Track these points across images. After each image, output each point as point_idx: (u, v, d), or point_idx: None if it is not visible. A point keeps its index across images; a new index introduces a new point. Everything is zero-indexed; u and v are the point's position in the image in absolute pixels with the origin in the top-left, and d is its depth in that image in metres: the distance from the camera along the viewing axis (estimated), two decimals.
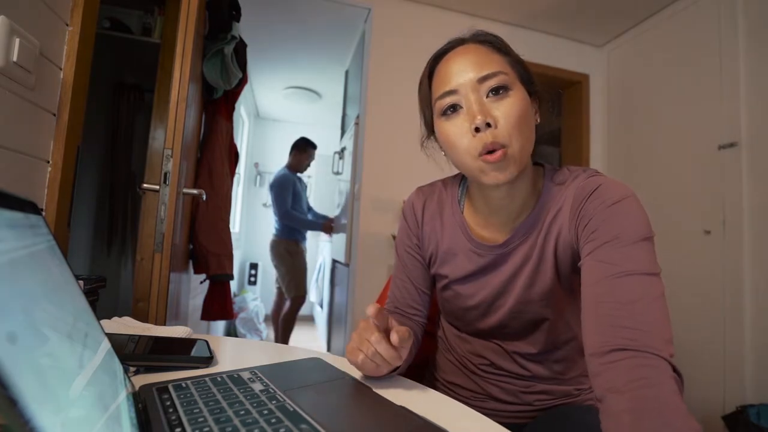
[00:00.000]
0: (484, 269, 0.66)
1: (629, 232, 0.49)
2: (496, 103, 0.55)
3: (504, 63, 0.58)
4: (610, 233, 0.50)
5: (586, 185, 0.57)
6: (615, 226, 0.50)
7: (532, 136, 0.58)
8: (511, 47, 0.61)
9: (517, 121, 0.54)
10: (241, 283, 4.09)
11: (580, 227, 0.55)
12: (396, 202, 2.20)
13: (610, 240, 0.50)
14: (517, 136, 0.54)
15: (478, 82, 0.55)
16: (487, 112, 0.54)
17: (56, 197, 0.83)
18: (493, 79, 0.55)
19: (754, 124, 1.78)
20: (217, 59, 1.54)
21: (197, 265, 1.65)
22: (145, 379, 0.49)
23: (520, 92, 0.56)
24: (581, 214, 0.55)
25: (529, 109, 0.57)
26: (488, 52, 0.58)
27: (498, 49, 0.59)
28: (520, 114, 0.55)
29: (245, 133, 3.94)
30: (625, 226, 0.50)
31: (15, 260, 0.24)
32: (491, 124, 0.54)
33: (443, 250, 0.70)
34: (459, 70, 0.57)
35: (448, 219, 0.70)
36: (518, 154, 0.55)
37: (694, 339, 1.93)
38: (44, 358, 0.22)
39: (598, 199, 0.54)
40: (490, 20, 2.48)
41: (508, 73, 0.56)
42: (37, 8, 0.76)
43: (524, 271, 0.62)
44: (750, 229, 1.76)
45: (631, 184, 0.58)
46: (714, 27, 1.95)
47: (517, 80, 0.58)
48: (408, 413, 0.41)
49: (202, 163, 1.64)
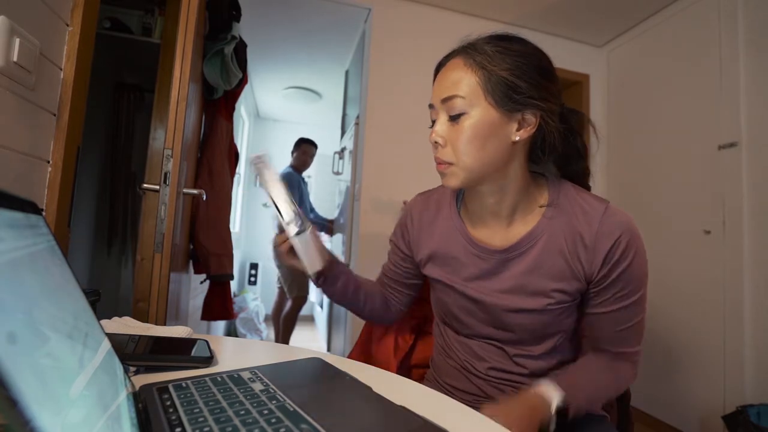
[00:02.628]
0: (487, 273, 0.68)
1: (637, 286, 0.63)
2: (450, 126, 0.62)
3: (472, 83, 0.59)
4: (622, 288, 0.62)
5: (611, 225, 0.61)
6: (631, 281, 0.62)
7: (487, 154, 0.61)
8: (500, 61, 0.59)
9: (462, 145, 0.60)
10: (241, 283, 4.09)
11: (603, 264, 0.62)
12: (396, 202, 2.20)
13: (621, 295, 0.63)
14: (462, 156, 0.61)
15: (443, 102, 0.62)
16: (441, 132, 0.62)
17: (56, 197, 0.83)
18: (450, 103, 0.61)
19: (754, 124, 1.78)
20: (217, 59, 1.54)
21: (197, 265, 1.65)
22: (145, 379, 0.49)
23: (480, 114, 0.59)
24: (607, 257, 0.61)
25: (486, 129, 0.59)
26: (464, 69, 0.60)
27: (476, 64, 0.59)
28: (468, 138, 0.60)
29: (245, 133, 3.94)
30: (635, 280, 0.62)
31: (15, 260, 0.24)
32: (440, 143, 0.62)
33: (441, 253, 0.72)
34: (437, 87, 0.64)
35: (445, 222, 0.74)
36: (464, 170, 0.62)
37: (694, 339, 1.93)
38: (44, 358, 0.22)
39: (621, 250, 0.61)
40: (490, 20, 2.47)
41: (466, 96, 0.59)
42: (37, 8, 0.76)
43: (529, 282, 0.65)
44: (750, 229, 1.76)
45: (632, 184, 0.61)
46: (714, 27, 1.95)
47: (482, 100, 0.59)
48: (408, 413, 0.41)
49: (202, 163, 1.64)
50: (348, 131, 2.73)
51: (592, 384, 0.64)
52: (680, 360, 1.98)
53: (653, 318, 2.08)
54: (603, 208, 0.62)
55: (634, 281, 0.62)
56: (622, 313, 0.63)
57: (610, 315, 0.64)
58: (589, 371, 0.66)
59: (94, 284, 1.80)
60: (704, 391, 1.86)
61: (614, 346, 0.65)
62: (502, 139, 0.61)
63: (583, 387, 0.62)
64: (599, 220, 0.61)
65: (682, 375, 1.97)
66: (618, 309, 0.63)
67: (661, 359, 2.05)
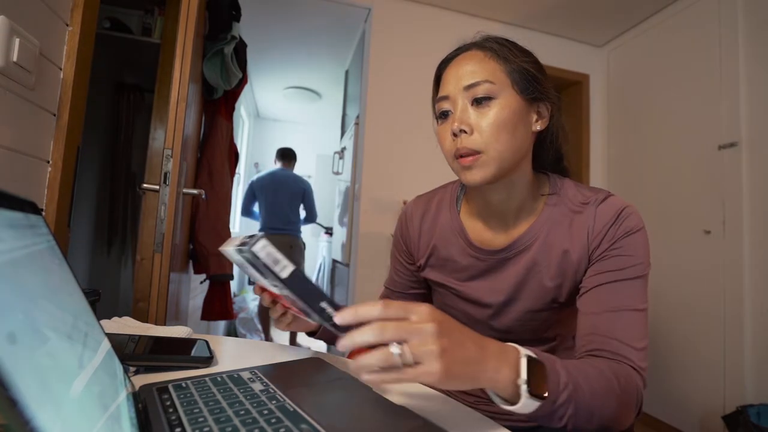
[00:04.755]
0: (485, 272, 0.67)
1: (633, 268, 0.56)
2: (477, 112, 0.59)
3: (497, 71, 0.59)
4: (619, 263, 0.57)
5: (609, 208, 0.59)
6: (625, 259, 0.57)
7: (517, 142, 0.59)
8: (519, 54, 0.61)
9: (494, 130, 0.57)
10: (241, 283, 4.08)
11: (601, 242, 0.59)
12: (396, 202, 2.20)
13: (617, 269, 0.57)
14: (494, 143, 0.57)
15: (465, 89, 0.59)
16: (465, 119, 0.59)
17: (56, 197, 0.83)
18: (477, 88, 0.58)
19: (754, 124, 1.78)
20: (217, 59, 1.54)
21: (197, 265, 1.65)
22: (145, 379, 0.49)
23: (507, 100, 0.58)
24: (605, 236, 0.59)
25: (515, 116, 0.58)
26: (484, 59, 0.60)
27: (498, 55, 0.60)
28: (499, 123, 0.57)
29: (245, 133, 3.94)
30: (632, 259, 0.57)
31: (15, 260, 0.24)
32: (466, 131, 0.58)
33: (442, 256, 0.71)
34: (453, 78, 0.61)
35: (445, 224, 0.72)
36: (495, 159, 0.58)
37: (694, 339, 1.93)
38: (44, 358, 0.22)
39: (620, 224, 0.58)
40: (490, 20, 2.47)
41: (495, 82, 0.58)
42: (37, 8, 0.76)
43: (528, 280, 0.63)
44: (750, 229, 1.76)
45: (632, 184, 0.60)
46: (714, 27, 1.95)
47: (508, 87, 0.59)
48: (408, 413, 0.41)
49: (202, 163, 1.64)
50: (348, 131, 2.73)
51: (579, 370, 0.46)
52: (680, 360, 1.98)
53: (653, 318, 2.08)
54: (603, 196, 0.61)
55: (632, 261, 0.56)
56: (616, 289, 0.56)
57: (602, 289, 0.56)
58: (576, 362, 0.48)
59: (94, 284, 1.79)
60: (704, 391, 1.86)
61: (608, 339, 0.53)
62: (526, 127, 0.60)
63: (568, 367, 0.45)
64: (597, 206, 0.60)
65: (682, 375, 1.97)
66: (611, 283, 0.56)
67: (661, 359, 2.05)
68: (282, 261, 0.41)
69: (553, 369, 0.43)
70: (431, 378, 0.35)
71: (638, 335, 0.53)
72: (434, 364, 0.35)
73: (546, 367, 0.42)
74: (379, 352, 0.36)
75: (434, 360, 0.35)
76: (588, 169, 2.60)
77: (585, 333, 0.56)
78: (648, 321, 0.56)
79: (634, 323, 0.54)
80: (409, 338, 0.35)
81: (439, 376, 0.35)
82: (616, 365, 0.50)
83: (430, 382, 0.35)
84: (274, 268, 0.41)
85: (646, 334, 0.54)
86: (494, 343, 0.41)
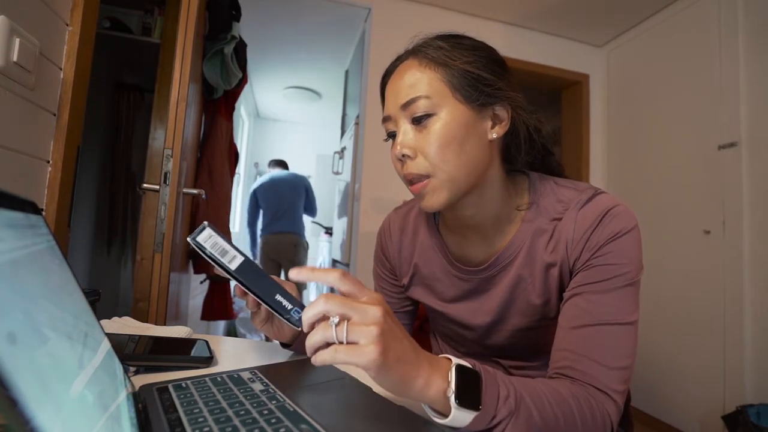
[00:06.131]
0: (470, 293, 0.63)
1: (621, 277, 0.50)
2: (418, 132, 0.53)
3: (435, 81, 0.52)
4: (603, 273, 0.50)
5: (591, 211, 0.53)
6: (610, 268, 0.50)
7: (468, 158, 0.52)
8: (462, 54, 0.53)
9: (438, 150, 0.51)
10: None
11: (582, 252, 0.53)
12: (396, 202, 2.18)
13: (601, 280, 0.50)
14: (441, 164, 0.51)
15: (402, 108, 0.53)
16: (406, 143, 0.53)
17: (56, 197, 0.83)
18: (414, 106, 0.52)
19: (754, 124, 1.78)
20: (217, 59, 1.54)
21: (197, 265, 1.65)
22: (145, 379, 0.49)
23: (451, 114, 0.52)
24: (586, 244, 0.52)
25: (462, 130, 0.52)
26: (420, 69, 0.53)
27: (434, 62, 0.53)
28: (442, 141, 0.51)
29: (245, 133, 3.94)
30: (618, 267, 0.50)
31: (15, 260, 0.24)
32: (410, 155, 0.53)
33: (424, 275, 0.67)
34: (392, 95, 0.55)
35: (425, 240, 0.67)
36: (446, 182, 0.52)
37: (694, 339, 1.93)
38: (44, 358, 0.22)
39: (604, 228, 0.52)
40: (490, 20, 2.48)
41: (432, 96, 0.51)
42: (37, 8, 0.76)
43: (515, 298, 0.59)
44: (750, 229, 1.76)
45: (631, 184, 0.58)
46: (714, 27, 1.95)
47: (449, 98, 0.52)
48: (408, 413, 0.41)
49: (202, 163, 1.64)
50: (348, 131, 2.73)
51: (527, 386, 0.42)
52: (680, 360, 1.98)
53: (653, 318, 2.08)
54: (587, 197, 0.54)
55: (618, 270, 0.50)
56: (599, 301, 0.49)
57: (581, 301, 0.50)
58: (525, 378, 0.45)
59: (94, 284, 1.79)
60: (704, 391, 1.85)
61: (580, 357, 0.47)
62: (479, 138, 0.53)
63: (513, 381, 0.42)
64: (579, 209, 0.54)
65: (682, 375, 1.97)
66: (593, 294, 0.50)
67: (661, 359, 2.05)
68: (230, 252, 0.41)
69: (492, 381, 0.40)
70: (364, 359, 0.34)
71: (618, 353, 0.47)
72: (370, 346, 0.34)
73: (483, 378, 0.39)
74: (321, 326, 0.36)
75: (370, 342, 0.34)
76: (588, 169, 2.60)
77: (558, 348, 0.51)
78: (637, 334, 0.50)
79: (615, 340, 0.48)
80: (352, 314, 0.35)
81: (373, 360, 0.33)
82: (579, 388, 0.45)
83: (363, 364, 0.34)
84: (221, 259, 0.40)
85: (629, 351, 0.48)
86: (429, 354, 0.40)
